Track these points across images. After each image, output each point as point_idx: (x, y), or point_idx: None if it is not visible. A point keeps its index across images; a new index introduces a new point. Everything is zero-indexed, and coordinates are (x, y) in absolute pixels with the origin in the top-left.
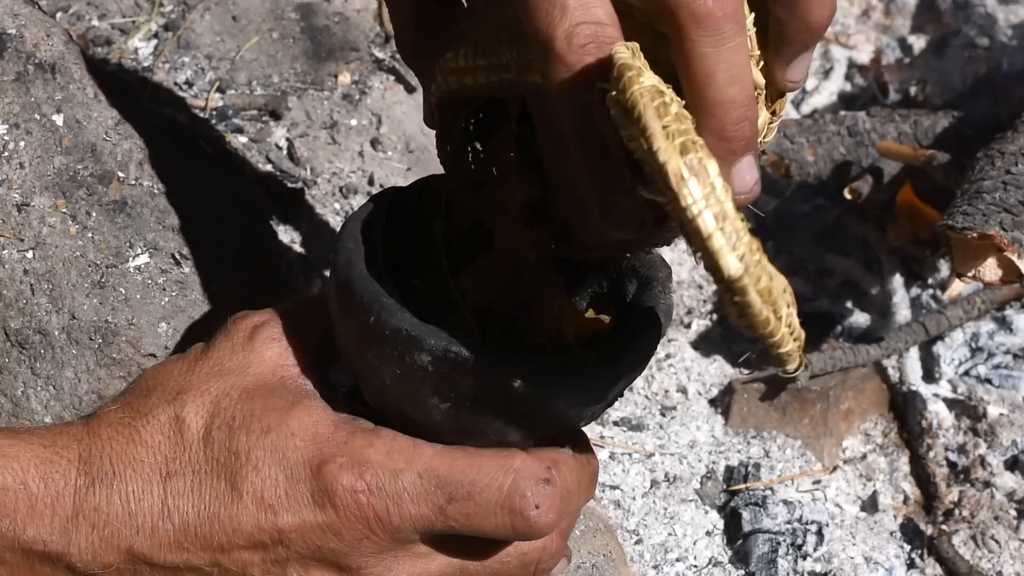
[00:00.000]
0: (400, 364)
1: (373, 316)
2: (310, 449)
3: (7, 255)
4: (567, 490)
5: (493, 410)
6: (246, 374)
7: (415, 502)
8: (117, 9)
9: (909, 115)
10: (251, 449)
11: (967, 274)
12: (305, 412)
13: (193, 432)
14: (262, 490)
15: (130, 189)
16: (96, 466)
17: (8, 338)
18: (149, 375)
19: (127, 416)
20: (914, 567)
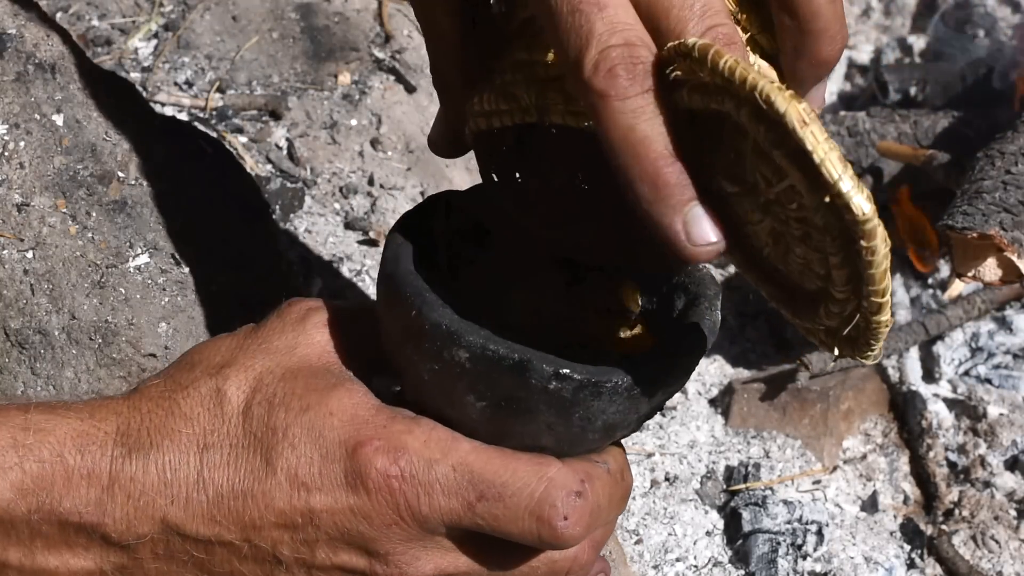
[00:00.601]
0: (438, 360)
1: (414, 310)
2: (347, 430)
3: (7, 255)
4: (598, 505)
5: (528, 413)
6: (292, 354)
7: (446, 494)
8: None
9: (909, 115)
10: (288, 426)
11: (967, 274)
12: (346, 394)
13: (233, 405)
14: (296, 467)
15: (130, 189)
16: (134, 438)
17: (8, 338)
18: (196, 349)
19: (168, 389)
20: (914, 567)
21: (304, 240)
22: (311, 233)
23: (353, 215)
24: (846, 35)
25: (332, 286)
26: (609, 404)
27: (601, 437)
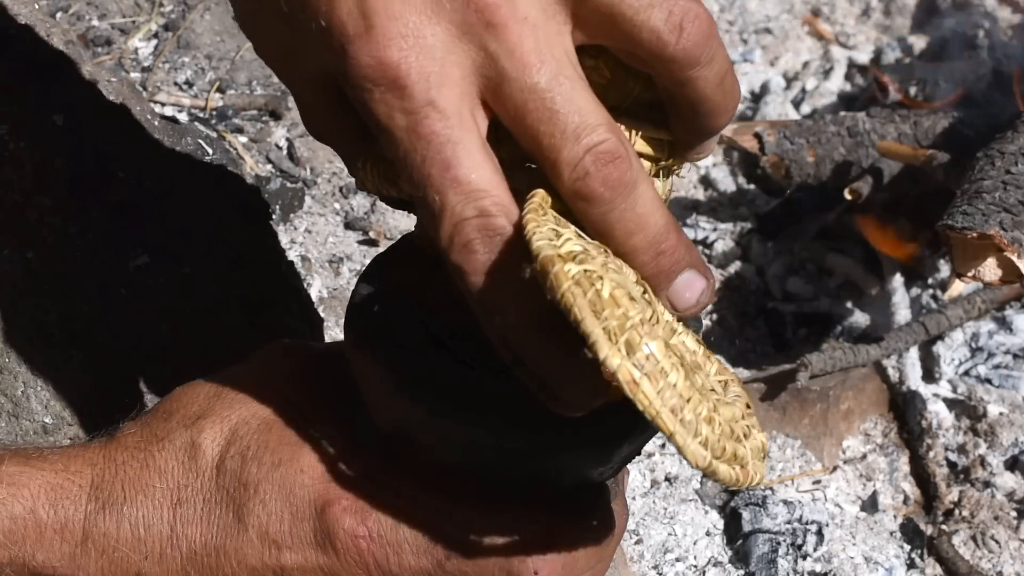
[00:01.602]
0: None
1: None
2: (317, 488)
3: (7, 255)
4: (571, 556)
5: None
6: (269, 403)
7: (415, 554)
8: (117, 9)
9: (909, 115)
10: (260, 482)
11: (967, 274)
12: (318, 449)
13: (207, 459)
14: (267, 525)
15: (130, 189)
16: (107, 491)
17: (8, 338)
18: (175, 396)
19: (143, 440)
20: (914, 567)
21: (304, 240)
22: (311, 233)
23: (353, 215)
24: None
25: (332, 286)
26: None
27: (573, 488)
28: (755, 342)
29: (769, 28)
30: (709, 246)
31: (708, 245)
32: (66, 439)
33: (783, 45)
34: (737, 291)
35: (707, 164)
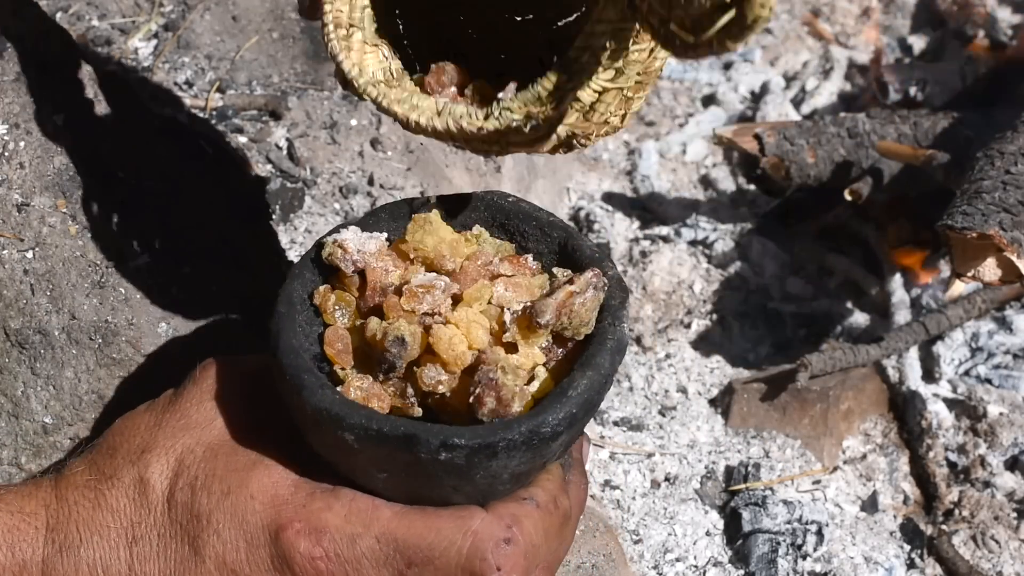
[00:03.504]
0: (330, 439)
1: (295, 394)
2: (269, 513)
3: (7, 255)
4: (531, 545)
5: (430, 479)
6: (212, 428)
7: (375, 567)
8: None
9: (909, 116)
10: (212, 512)
11: (967, 274)
12: (265, 472)
13: (157, 494)
14: (223, 554)
15: (130, 189)
16: (63, 533)
17: (8, 338)
18: (117, 429)
19: (93, 479)
20: (914, 567)
21: (304, 240)
22: (311, 233)
23: (353, 215)
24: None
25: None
26: (509, 459)
27: (515, 485)
28: (755, 342)
29: (769, 28)
30: (709, 246)
31: (708, 245)
32: (66, 439)
33: (783, 45)
34: (737, 291)
35: (707, 164)
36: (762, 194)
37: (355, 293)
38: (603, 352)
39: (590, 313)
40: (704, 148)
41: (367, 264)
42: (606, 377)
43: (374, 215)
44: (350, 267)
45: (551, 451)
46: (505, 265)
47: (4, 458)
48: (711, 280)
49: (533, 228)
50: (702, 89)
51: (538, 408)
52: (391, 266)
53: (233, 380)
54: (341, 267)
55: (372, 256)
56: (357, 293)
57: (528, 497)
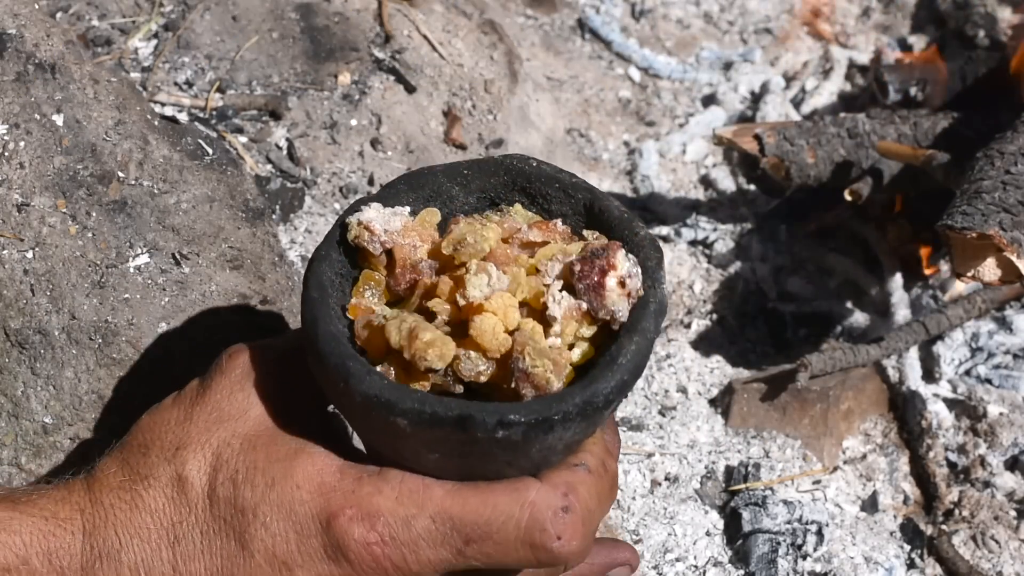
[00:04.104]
0: (379, 424)
1: (342, 383)
2: (317, 502)
3: (7, 255)
4: (588, 510)
5: (485, 457)
6: (246, 419)
7: (432, 547)
8: (117, 9)
9: (909, 116)
10: (257, 505)
11: (966, 274)
12: (309, 460)
13: (197, 491)
14: (273, 547)
15: (130, 189)
16: (101, 538)
17: (8, 338)
18: (145, 426)
19: (127, 480)
20: (914, 567)
21: (304, 240)
22: (311, 233)
23: None
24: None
25: None
26: (565, 431)
27: (567, 454)
28: (755, 342)
29: (769, 28)
30: (709, 246)
31: (708, 245)
32: (66, 439)
33: (783, 45)
34: (737, 291)
35: (707, 164)
36: (762, 194)
37: (383, 272)
38: (647, 316)
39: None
40: (704, 148)
41: (395, 243)
42: (651, 341)
43: (392, 187)
44: (378, 248)
45: (603, 418)
46: (535, 232)
47: (4, 458)
48: (711, 280)
49: (556, 191)
50: (702, 89)
51: (589, 378)
52: (418, 241)
53: (262, 366)
54: (369, 248)
55: (398, 234)
56: (385, 272)
57: (579, 463)
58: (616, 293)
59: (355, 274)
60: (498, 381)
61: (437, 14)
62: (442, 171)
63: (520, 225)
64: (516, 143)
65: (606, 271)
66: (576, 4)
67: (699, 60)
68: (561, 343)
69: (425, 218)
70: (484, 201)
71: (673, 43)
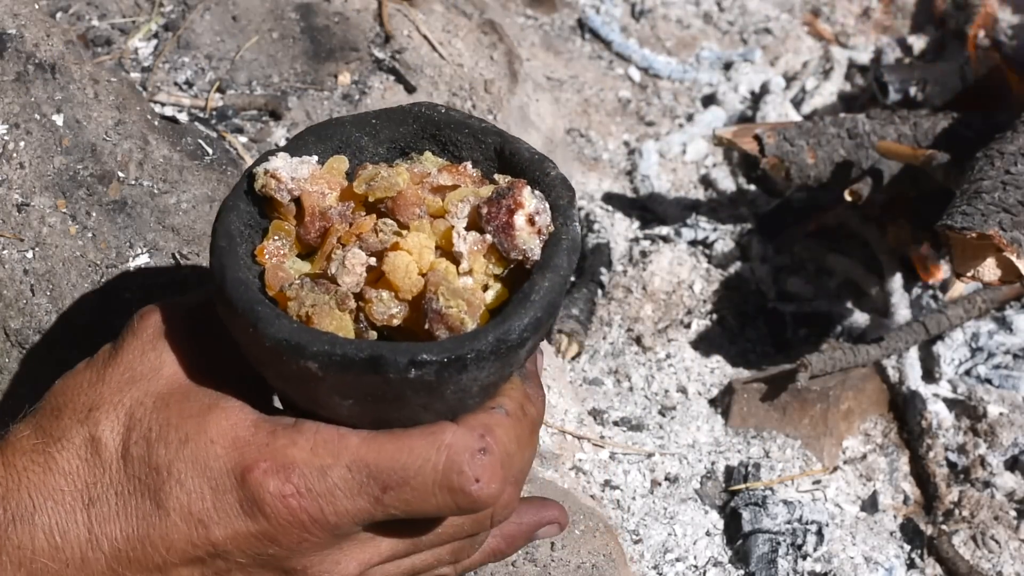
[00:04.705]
0: (289, 370)
1: (251, 327)
2: (232, 456)
3: (7, 255)
4: (507, 453)
5: (398, 401)
6: (159, 378)
7: (349, 497)
8: (117, 9)
9: (909, 117)
10: (172, 462)
11: (966, 274)
12: (223, 415)
13: (110, 451)
14: (188, 504)
15: (130, 189)
16: (14, 501)
17: (8, 338)
18: (58, 390)
19: (40, 442)
20: (914, 567)
21: None
22: None
23: None
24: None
25: None
26: (479, 371)
27: (484, 396)
28: (755, 342)
29: (769, 28)
30: (709, 246)
31: (708, 245)
32: None
33: (783, 45)
34: (737, 291)
35: (707, 164)
36: (762, 194)
37: (292, 221)
38: (560, 253)
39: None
40: (704, 148)
41: (303, 190)
42: (565, 278)
43: (300, 139)
44: (286, 196)
45: (519, 358)
46: (444, 176)
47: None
48: (711, 280)
49: (466, 136)
50: (702, 89)
51: (503, 316)
52: (326, 188)
53: (173, 324)
54: (276, 197)
55: (306, 181)
56: (295, 221)
57: (496, 407)
58: (526, 232)
59: (264, 225)
60: (411, 326)
61: (437, 14)
62: (350, 121)
63: (430, 170)
64: None
65: (513, 210)
66: (576, 4)
67: (699, 60)
68: (474, 283)
69: (333, 165)
70: (394, 151)
71: (673, 43)
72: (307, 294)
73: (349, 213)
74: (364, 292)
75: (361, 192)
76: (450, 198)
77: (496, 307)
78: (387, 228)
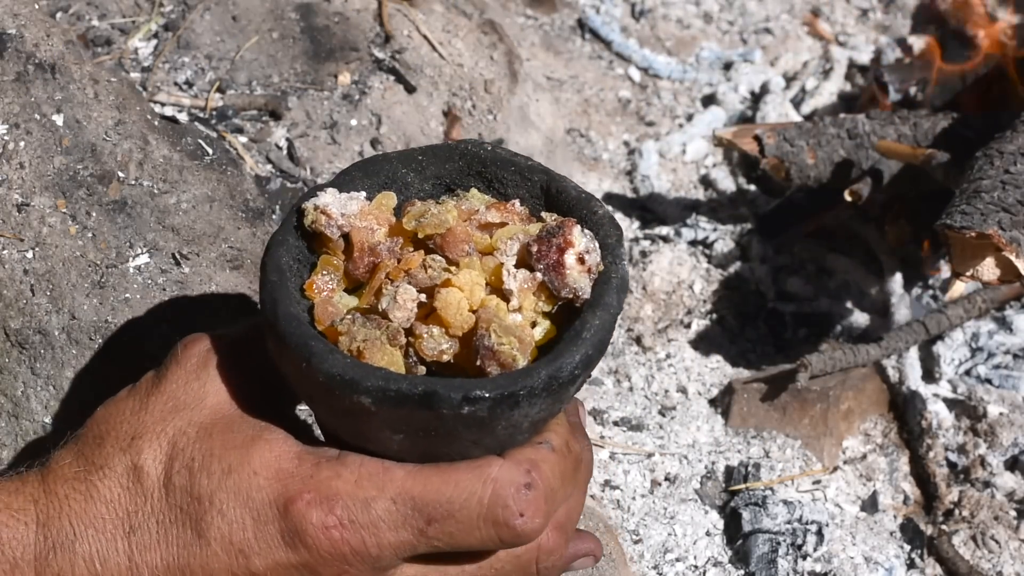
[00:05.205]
0: (342, 405)
1: (304, 363)
2: (275, 487)
3: (7, 255)
4: (551, 489)
5: (449, 436)
6: (202, 407)
7: (393, 529)
8: (117, 9)
9: (909, 117)
10: (214, 492)
11: (965, 273)
12: (266, 447)
13: (152, 480)
14: (230, 535)
15: (130, 189)
16: (55, 528)
17: (8, 338)
18: (100, 417)
19: (82, 470)
20: (914, 567)
21: None
22: None
23: None
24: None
25: None
26: (530, 407)
27: (533, 432)
28: (755, 342)
29: (769, 28)
30: (709, 246)
31: (708, 245)
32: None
33: (783, 45)
34: (737, 291)
35: (707, 164)
36: (762, 194)
37: (341, 256)
38: (610, 291)
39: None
40: (704, 148)
41: (352, 226)
42: (614, 316)
43: (347, 174)
44: (335, 232)
45: (569, 395)
46: (492, 213)
47: (4, 458)
48: (711, 280)
49: (512, 174)
50: (702, 89)
51: (555, 353)
52: (375, 224)
53: (219, 354)
54: (326, 233)
55: (355, 217)
56: (343, 256)
57: (542, 442)
58: (576, 270)
59: (313, 260)
60: (461, 363)
61: (437, 14)
62: (396, 157)
63: (477, 207)
64: (516, 143)
65: (564, 248)
66: (576, 4)
67: (699, 60)
68: (523, 320)
69: (382, 201)
70: (439, 188)
71: (673, 43)
72: (358, 329)
73: (398, 249)
74: (414, 328)
75: (411, 228)
76: (499, 235)
77: (544, 344)
78: (436, 264)
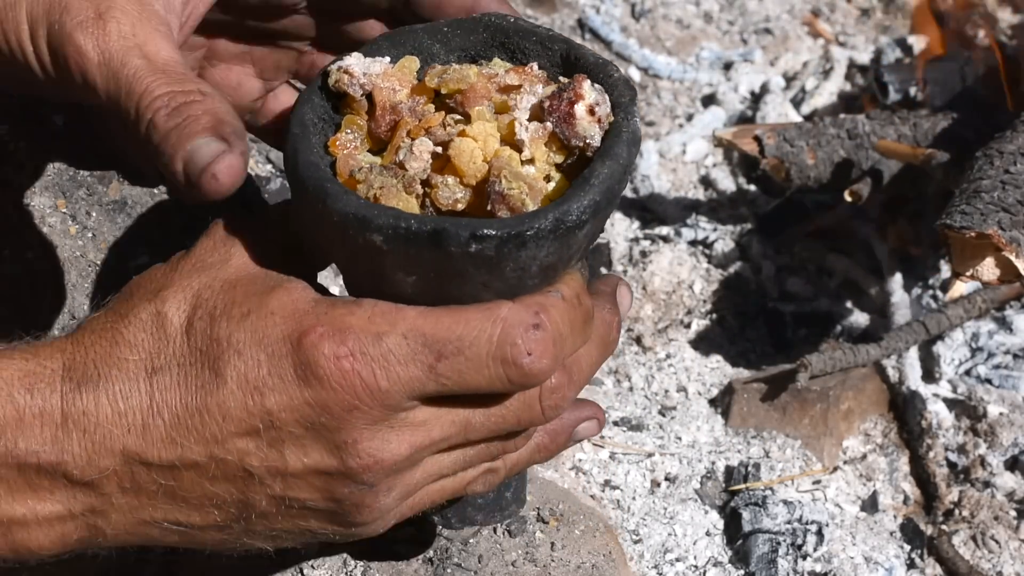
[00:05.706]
0: (355, 245)
1: (319, 204)
2: (289, 324)
3: (7, 255)
4: (559, 333)
5: (459, 278)
6: (227, 266)
7: (403, 363)
8: None
9: (909, 117)
10: (232, 334)
11: (965, 273)
12: (284, 292)
13: (175, 325)
14: (245, 372)
15: (130, 189)
16: (80, 371)
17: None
18: (133, 282)
19: (109, 320)
20: (914, 567)
21: None
22: None
23: None
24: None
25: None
26: (538, 250)
27: (543, 279)
28: (755, 342)
29: (769, 28)
30: (709, 246)
31: (708, 245)
32: None
33: (783, 45)
34: (737, 291)
35: (707, 164)
36: (762, 194)
37: (364, 117)
38: (620, 143)
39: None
40: (704, 148)
41: (374, 85)
42: (624, 168)
43: (375, 43)
44: (358, 91)
45: (577, 242)
46: (511, 76)
47: None
48: (711, 280)
49: (534, 43)
50: (702, 89)
51: (564, 197)
52: (397, 85)
53: (247, 227)
54: (349, 92)
55: (378, 77)
56: (367, 116)
57: (553, 290)
58: (586, 120)
59: (337, 120)
60: (474, 212)
61: None
62: (423, 29)
63: (498, 71)
64: None
65: (574, 101)
66: (576, 4)
67: (699, 60)
68: (536, 173)
69: (405, 64)
70: (464, 59)
71: (673, 43)
72: (376, 177)
73: (419, 108)
74: (430, 178)
75: (433, 85)
76: (514, 94)
77: (556, 198)
78: (456, 123)
